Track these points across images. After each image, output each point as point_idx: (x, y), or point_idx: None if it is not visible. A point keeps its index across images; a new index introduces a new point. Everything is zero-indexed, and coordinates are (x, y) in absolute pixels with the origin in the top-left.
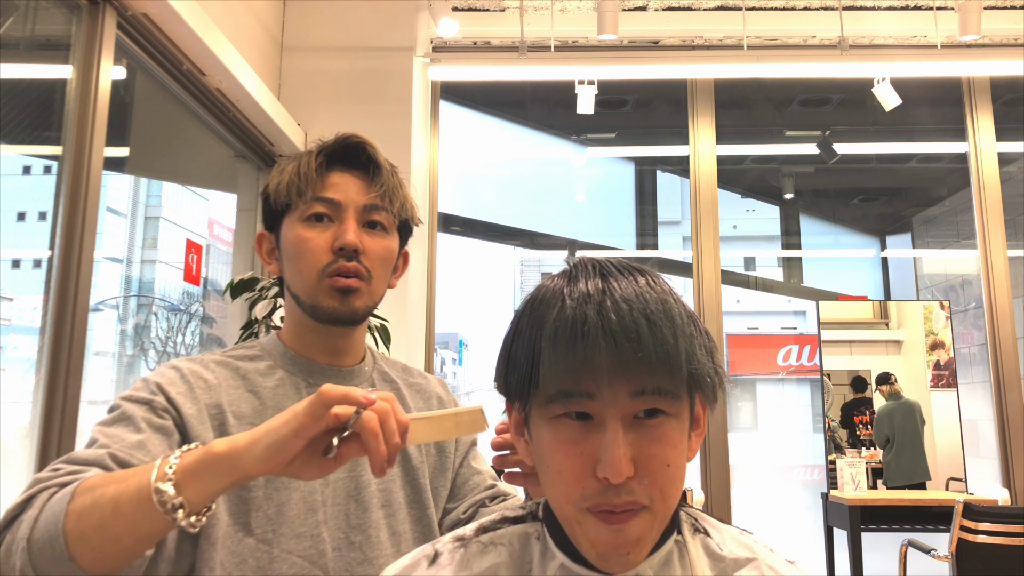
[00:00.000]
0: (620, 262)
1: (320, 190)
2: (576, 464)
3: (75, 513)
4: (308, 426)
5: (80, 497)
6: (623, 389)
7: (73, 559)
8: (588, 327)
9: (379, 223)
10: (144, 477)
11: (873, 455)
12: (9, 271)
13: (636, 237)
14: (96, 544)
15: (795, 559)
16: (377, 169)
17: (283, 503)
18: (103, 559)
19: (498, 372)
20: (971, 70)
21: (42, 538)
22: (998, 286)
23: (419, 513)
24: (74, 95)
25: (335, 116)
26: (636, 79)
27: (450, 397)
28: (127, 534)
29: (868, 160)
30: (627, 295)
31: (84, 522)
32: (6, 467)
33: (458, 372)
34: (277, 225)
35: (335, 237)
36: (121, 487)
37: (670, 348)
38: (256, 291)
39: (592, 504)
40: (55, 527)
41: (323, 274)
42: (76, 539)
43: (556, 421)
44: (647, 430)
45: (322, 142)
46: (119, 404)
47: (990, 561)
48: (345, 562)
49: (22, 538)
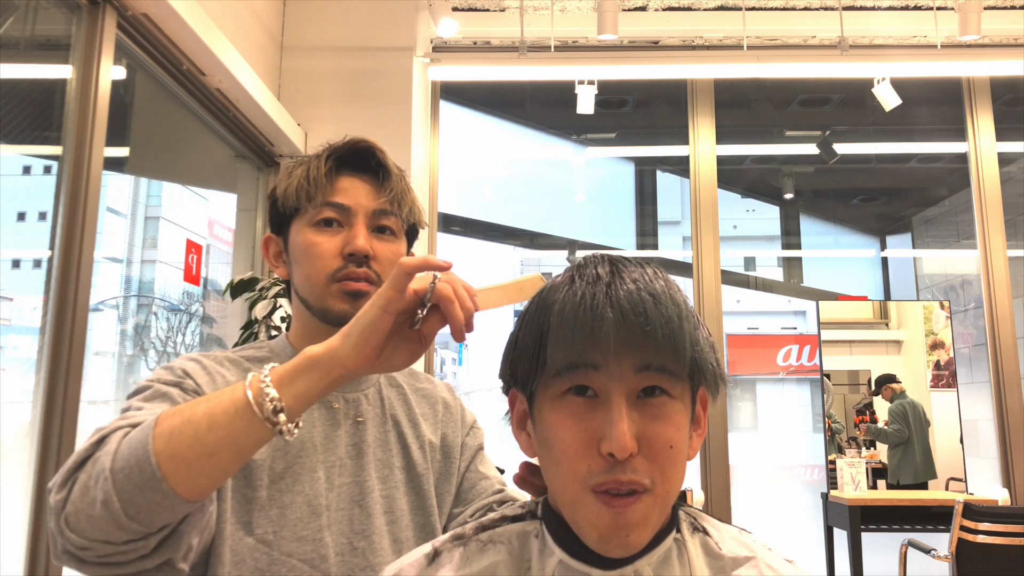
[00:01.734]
0: (629, 258)
1: (330, 195)
2: (580, 440)
3: (163, 435)
4: (394, 299)
5: (166, 422)
6: (628, 362)
7: (165, 479)
8: (596, 301)
9: (388, 228)
10: (237, 390)
11: (873, 455)
12: (9, 271)
13: (636, 237)
14: (191, 459)
15: (794, 558)
16: (387, 174)
17: (286, 505)
18: (197, 476)
19: (504, 361)
20: (971, 70)
21: (127, 465)
22: (998, 286)
23: (423, 520)
24: (74, 95)
25: (335, 116)
26: (636, 79)
27: (457, 402)
28: (224, 447)
29: (868, 160)
30: (635, 277)
31: (176, 440)
32: (6, 467)
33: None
34: (285, 229)
35: (345, 242)
36: (213, 403)
37: (675, 327)
38: (256, 291)
39: (596, 483)
40: (143, 451)
41: (333, 278)
42: (168, 457)
43: (561, 399)
44: (651, 408)
45: (331, 145)
46: (149, 384)
47: (990, 561)
48: (348, 567)
49: (103, 469)
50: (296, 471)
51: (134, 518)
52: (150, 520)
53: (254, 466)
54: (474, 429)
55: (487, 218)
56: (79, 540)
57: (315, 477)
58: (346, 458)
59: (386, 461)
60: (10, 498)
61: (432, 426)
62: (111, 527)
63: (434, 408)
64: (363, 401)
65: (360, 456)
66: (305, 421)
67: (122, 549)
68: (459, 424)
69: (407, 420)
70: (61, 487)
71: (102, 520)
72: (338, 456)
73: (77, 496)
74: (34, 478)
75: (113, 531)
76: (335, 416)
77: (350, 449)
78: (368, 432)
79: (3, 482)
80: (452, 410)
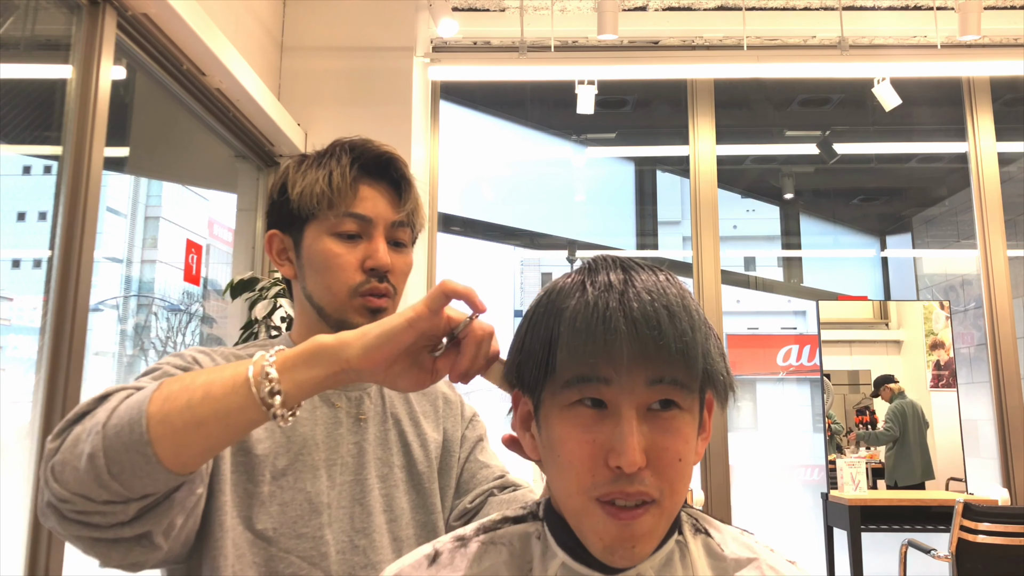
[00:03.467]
0: (639, 260)
1: (352, 205)
2: (587, 452)
3: (160, 398)
4: (423, 316)
5: (167, 386)
6: (640, 376)
7: (151, 443)
8: (610, 312)
9: (402, 240)
10: (240, 366)
11: (873, 455)
12: (9, 271)
13: (636, 237)
14: (179, 426)
15: (796, 559)
16: (408, 186)
17: (286, 503)
18: (182, 446)
19: (509, 362)
20: (971, 70)
21: (120, 422)
22: (998, 286)
23: (424, 519)
24: (74, 95)
25: (335, 116)
26: (636, 79)
27: (457, 397)
28: (213, 420)
29: (868, 160)
30: (649, 287)
31: (169, 404)
32: (6, 467)
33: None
34: (297, 229)
35: (366, 255)
36: (214, 375)
37: (688, 340)
38: (256, 291)
39: (602, 493)
40: (137, 411)
41: (355, 293)
42: (159, 421)
43: (569, 409)
44: (661, 422)
45: (349, 147)
46: (159, 367)
47: (990, 561)
48: (349, 565)
49: (96, 423)
50: (298, 468)
51: (116, 477)
52: (131, 483)
53: (256, 461)
54: (474, 421)
55: (487, 218)
56: (61, 491)
57: (317, 475)
58: (348, 456)
59: (385, 460)
60: (10, 498)
61: (433, 423)
62: (92, 483)
63: (434, 405)
64: (365, 400)
65: (361, 454)
66: (308, 419)
67: (101, 509)
68: (459, 418)
69: (408, 419)
70: (56, 436)
71: (86, 474)
72: (340, 454)
73: (68, 447)
74: (34, 478)
75: (94, 488)
76: (337, 415)
77: (352, 448)
78: (369, 431)
79: (3, 482)
80: (452, 404)
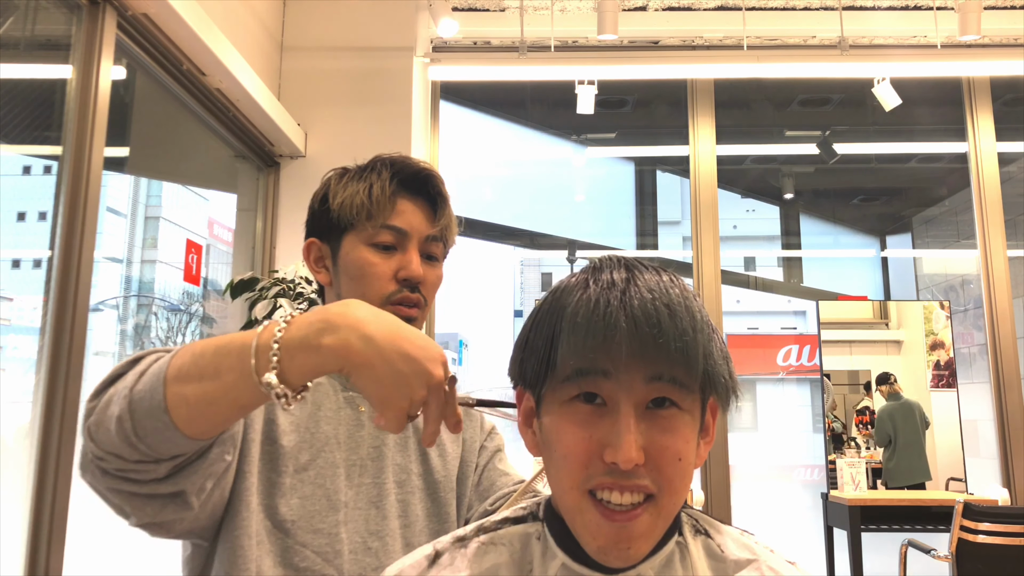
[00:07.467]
0: (644, 260)
1: (390, 217)
2: (584, 447)
3: (176, 367)
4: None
5: (184, 354)
6: (639, 372)
7: (168, 411)
8: (610, 309)
9: (435, 255)
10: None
11: (873, 455)
12: (9, 271)
13: (636, 237)
14: (192, 400)
15: (796, 560)
16: (443, 202)
17: (306, 496)
18: (195, 418)
19: (513, 359)
20: (971, 70)
21: (143, 388)
22: (998, 286)
23: (438, 527)
24: (74, 95)
25: (335, 116)
26: (636, 79)
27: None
28: (223, 400)
29: (868, 160)
30: (651, 286)
31: (183, 378)
32: (6, 467)
33: (458, 372)
34: (335, 238)
35: (400, 266)
36: (222, 341)
37: (689, 340)
38: (256, 291)
39: (595, 484)
40: (157, 378)
41: (387, 301)
42: (175, 392)
43: (568, 404)
44: (659, 420)
45: (391, 163)
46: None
47: (990, 561)
48: (360, 566)
49: (125, 387)
50: (319, 465)
51: (143, 439)
52: (156, 445)
53: (281, 452)
54: (493, 434)
55: (487, 218)
56: (97, 450)
57: (336, 473)
58: (367, 459)
59: (404, 466)
60: (10, 498)
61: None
62: (123, 444)
63: None
64: None
65: (380, 458)
66: (332, 418)
67: (134, 467)
68: (478, 429)
69: None
70: (93, 397)
71: (116, 435)
72: (359, 456)
73: (101, 408)
74: (34, 478)
75: (124, 448)
76: (360, 418)
77: (371, 451)
78: (389, 436)
79: (3, 482)
80: (472, 416)
